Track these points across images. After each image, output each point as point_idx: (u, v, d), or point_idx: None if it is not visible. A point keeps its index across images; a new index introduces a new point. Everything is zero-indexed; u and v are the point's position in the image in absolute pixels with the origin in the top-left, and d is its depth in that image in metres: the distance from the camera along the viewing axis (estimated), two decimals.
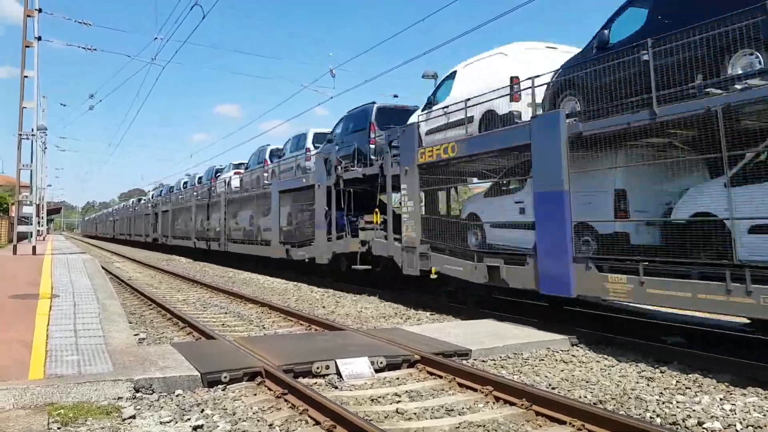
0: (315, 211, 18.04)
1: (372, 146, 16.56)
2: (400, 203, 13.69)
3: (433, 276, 12.42)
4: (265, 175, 24.23)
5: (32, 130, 24.29)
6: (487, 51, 12.43)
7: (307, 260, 18.45)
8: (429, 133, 13.23)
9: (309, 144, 21.41)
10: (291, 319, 11.50)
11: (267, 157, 25.26)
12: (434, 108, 13.19)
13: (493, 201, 11.58)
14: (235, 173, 29.41)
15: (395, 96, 18.70)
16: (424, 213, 13.39)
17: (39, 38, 23.15)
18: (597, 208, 8.97)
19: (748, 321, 8.94)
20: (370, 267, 15.70)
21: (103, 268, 20.27)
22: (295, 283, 18.73)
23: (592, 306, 11.46)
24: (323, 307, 13.59)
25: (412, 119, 14.28)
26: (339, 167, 17.02)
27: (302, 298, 15.30)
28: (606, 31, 9.04)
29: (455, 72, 13.07)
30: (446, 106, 12.65)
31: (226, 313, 12.76)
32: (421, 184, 12.97)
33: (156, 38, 22.93)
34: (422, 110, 13.95)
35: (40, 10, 23.11)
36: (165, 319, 11.65)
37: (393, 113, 16.82)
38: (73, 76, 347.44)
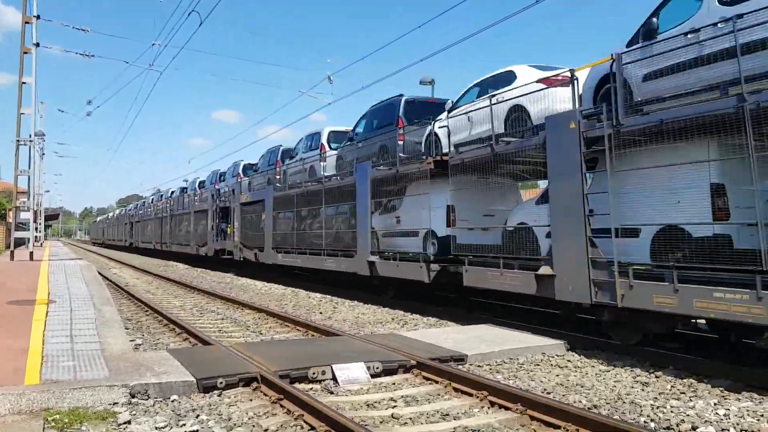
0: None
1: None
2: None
3: None
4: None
5: (30, 136, 24.31)
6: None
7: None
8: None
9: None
10: (288, 325, 11.51)
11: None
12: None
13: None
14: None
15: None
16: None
17: (37, 44, 23.20)
18: None
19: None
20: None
21: (100, 274, 20.26)
22: (293, 288, 18.73)
23: (588, 311, 11.46)
24: (320, 312, 13.60)
25: None
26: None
27: (299, 303, 15.31)
28: (654, 19, 8.41)
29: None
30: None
31: (222, 319, 12.77)
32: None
33: (154, 44, 23.00)
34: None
35: (38, 17, 23.17)
36: (161, 325, 11.65)
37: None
38: (71, 82, 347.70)
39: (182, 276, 24.74)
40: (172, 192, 44.40)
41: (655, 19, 8.40)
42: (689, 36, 7.67)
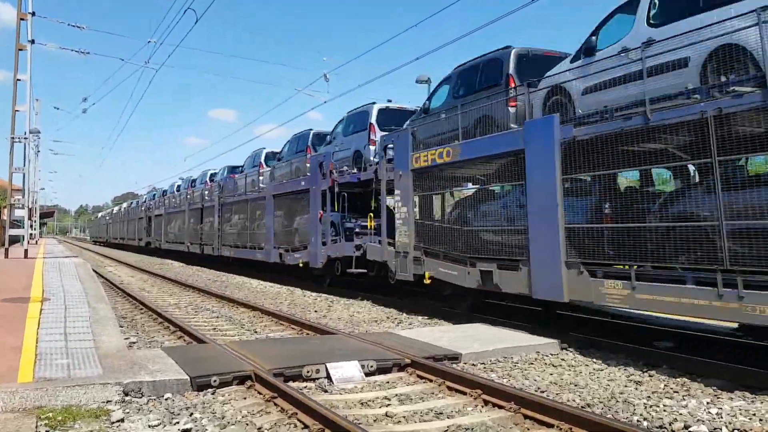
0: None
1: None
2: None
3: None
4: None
5: (25, 134, 24.25)
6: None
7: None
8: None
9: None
10: (283, 323, 11.51)
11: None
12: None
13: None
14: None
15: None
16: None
17: (32, 41, 23.11)
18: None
19: (737, 325, 9.00)
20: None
21: (95, 272, 20.22)
22: (288, 287, 18.72)
23: (583, 310, 11.51)
24: (315, 311, 13.60)
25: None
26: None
27: (295, 302, 15.31)
28: (594, 38, 9.24)
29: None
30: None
31: (217, 317, 12.75)
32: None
33: (149, 42, 22.90)
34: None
35: (33, 14, 23.07)
36: (156, 323, 11.63)
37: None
38: (67, 79, 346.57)
39: (177, 274, 24.71)
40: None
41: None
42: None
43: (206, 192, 30.78)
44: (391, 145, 14.05)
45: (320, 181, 17.45)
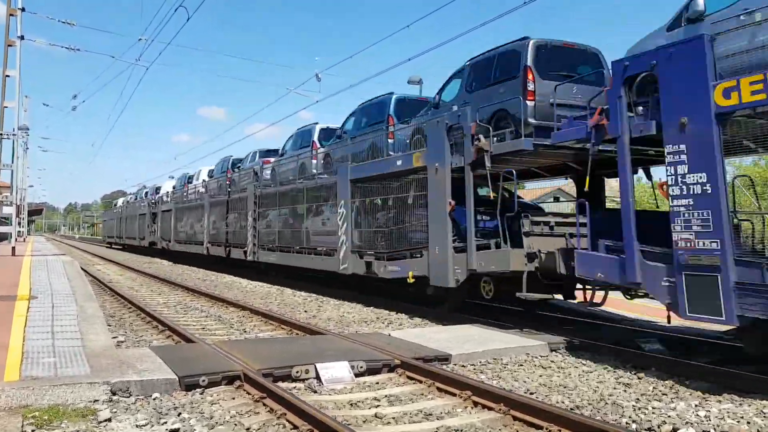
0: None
1: (390, 141, 14.31)
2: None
3: None
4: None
5: (14, 130, 24.06)
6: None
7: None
8: None
9: (315, 139, 19.00)
10: (272, 323, 11.46)
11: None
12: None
13: None
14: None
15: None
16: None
17: (21, 37, 22.95)
18: None
19: (727, 329, 9.05)
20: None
21: (83, 270, 20.09)
22: (278, 287, 18.66)
23: (573, 312, 11.54)
24: (305, 311, 13.56)
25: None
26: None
27: (285, 302, 15.26)
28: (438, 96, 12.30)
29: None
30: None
31: (207, 316, 12.69)
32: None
33: (140, 39, 22.76)
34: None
35: (23, 9, 22.93)
36: (144, 322, 11.55)
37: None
38: (57, 76, 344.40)
39: (167, 273, 24.58)
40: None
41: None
42: None
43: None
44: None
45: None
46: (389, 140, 14.45)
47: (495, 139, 10.89)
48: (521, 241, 10.26)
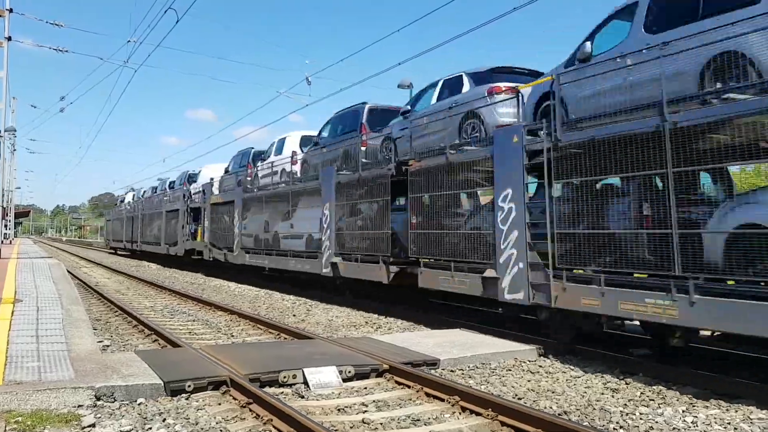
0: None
1: (363, 149, 14.78)
2: None
3: None
4: None
5: (1, 132, 23.82)
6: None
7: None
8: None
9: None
10: (260, 328, 11.40)
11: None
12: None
13: None
14: None
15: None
16: None
17: (9, 38, 22.73)
18: None
19: (716, 334, 9.08)
20: None
21: (69, 273, 19.92)
22: (267, 290, 18.57)
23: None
24: (294, 315, 13.50)
25: None
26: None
27: (273, 306, 15.18)
28: (588, 44, 8.97)
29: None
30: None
31: (194, 320, 12.60)
32: None
33: (129, 41, 22.63)
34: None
35: (10, 10, 22.72)
36: (131, 326, 11.45)
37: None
38: (45, 78, 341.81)
39: (154, 276, 24.41)
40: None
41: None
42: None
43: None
44: None
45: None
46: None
47: None
48: None
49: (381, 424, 5.61)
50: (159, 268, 29.95)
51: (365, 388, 7.01)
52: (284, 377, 6.91)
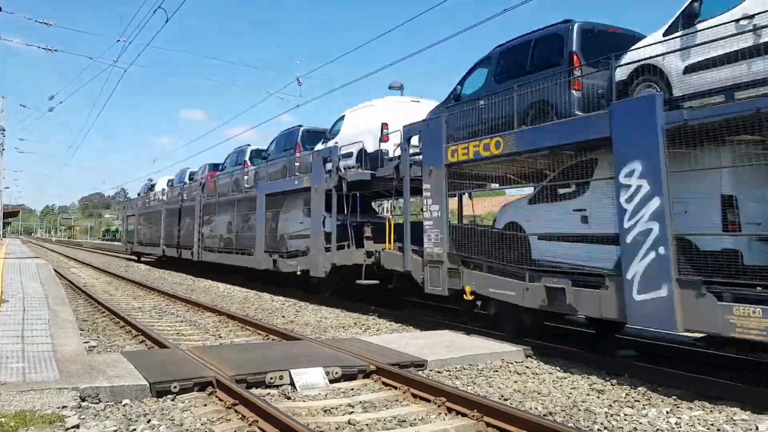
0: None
1: (297, 164, 17.63)
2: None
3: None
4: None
5: None
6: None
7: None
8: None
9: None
10: (249, 329, 11.37)
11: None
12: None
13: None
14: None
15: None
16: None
17: None
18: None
19: (699, 336, 9.15)
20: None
21: (57, 272, 19.80)
22: (256, 291, 18.52)
23: (552, 319, 11.58)
24: (283, 316, 13.48)
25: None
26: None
27: (262, 307, 15.15)
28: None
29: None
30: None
31: (182, 321, 12.56)
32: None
33: (119, 40, 22.50)
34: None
35: None
36: (118, 327, 11.39)
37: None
38: (35, 77, 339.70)
39: (143, 277, 24.30)
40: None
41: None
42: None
43: None
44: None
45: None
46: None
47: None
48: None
49: (367, 425, 5.62)
50: (148, 269, 29.82)
51: (352, 389, 7.02)
52: (271, 378, 6.90)
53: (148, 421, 5.44)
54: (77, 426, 5.15)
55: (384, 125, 14.04)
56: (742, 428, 5.73)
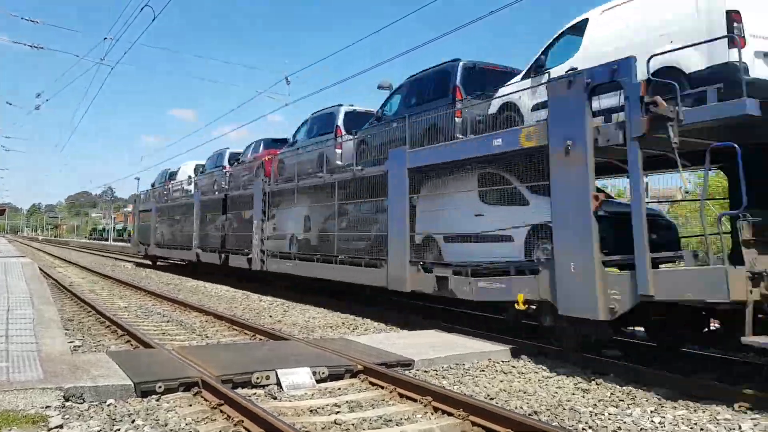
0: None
1: (338, 151, 14.95)
2: None
3: None
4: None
5: None
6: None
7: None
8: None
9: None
10: (236, 329, 11.33)
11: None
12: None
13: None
14: None
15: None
16: None
17: None
18: None
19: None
20: None
21: (42, 272, 19.63)
22: (244, 291, 18.46)
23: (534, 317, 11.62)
24: (270, 316, 13.45)
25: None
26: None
27: (250, 306, 15.10)
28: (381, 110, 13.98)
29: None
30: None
31: (168, 321, 12.49)
32: None
33: (105, 38, 22.32)
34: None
35: None
36: (103, 327, 11.30)
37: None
38: (21, 75, 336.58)
39: (129, 276, 24.14)
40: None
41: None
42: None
43: None
44: None
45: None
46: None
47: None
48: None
49: (353, 424, 5.62)
50: (134, 268, 29.64)
51: (339, 388, 7.01)
52: (257, 378, 6.88)
53: (133, 421, 5.41)
54: (61, 426, 5.12)
55: (735, 15, 7.04)
56: (726, 427, 5.78)
